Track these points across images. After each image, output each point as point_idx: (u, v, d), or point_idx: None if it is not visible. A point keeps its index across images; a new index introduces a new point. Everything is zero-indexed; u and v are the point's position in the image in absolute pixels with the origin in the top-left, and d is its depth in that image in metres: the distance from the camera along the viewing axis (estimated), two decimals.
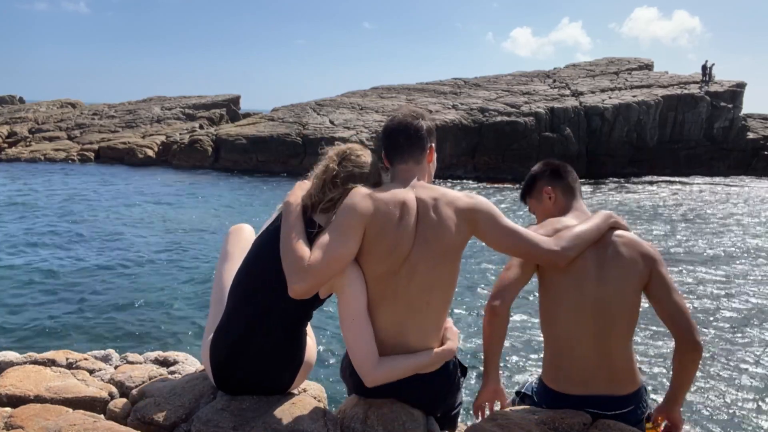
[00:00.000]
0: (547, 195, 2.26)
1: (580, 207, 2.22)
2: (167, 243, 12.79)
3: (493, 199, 20.88)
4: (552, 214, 2.22)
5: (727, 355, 7.23)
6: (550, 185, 2.27)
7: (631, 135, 28.07)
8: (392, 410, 1.92)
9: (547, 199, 2.26)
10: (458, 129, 27.14)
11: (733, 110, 29.66)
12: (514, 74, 37.16)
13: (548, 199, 2.26)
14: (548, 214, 2.24)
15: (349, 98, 34.01)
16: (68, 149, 29.44)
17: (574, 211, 2.19)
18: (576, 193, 2.27)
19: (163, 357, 2.79)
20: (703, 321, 8.35)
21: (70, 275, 10.08)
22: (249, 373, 1.97)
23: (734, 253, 12.66)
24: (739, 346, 7.49)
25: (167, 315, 8.34)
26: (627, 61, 37.18)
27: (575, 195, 2.26)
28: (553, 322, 2.05)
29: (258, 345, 1.94)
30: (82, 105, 43.02)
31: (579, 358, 1.99)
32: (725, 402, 6.07)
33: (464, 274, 10.76)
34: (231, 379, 2.00)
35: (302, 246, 1.80)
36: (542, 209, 2.29)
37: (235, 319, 1.98)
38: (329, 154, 2.00)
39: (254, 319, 1.94)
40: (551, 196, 2.25)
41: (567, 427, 1.91)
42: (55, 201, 17.83)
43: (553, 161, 2.37)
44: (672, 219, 17.18)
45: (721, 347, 7.46)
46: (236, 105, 40.58)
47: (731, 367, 6.86)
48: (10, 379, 2.25)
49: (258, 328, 1.93)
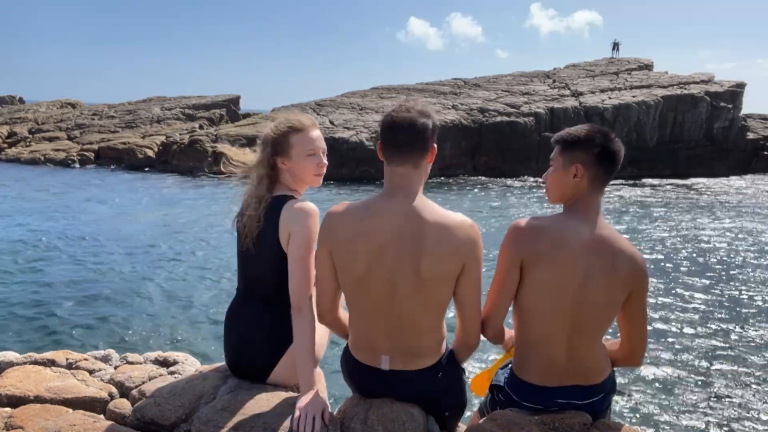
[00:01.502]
0: (573, 173, 1.95)
1: (592, 207, 1.97)
2: (167, 243, 12.79)
3: (494, 197, 20.90)
4: (564, 194, 1.99)
5: (727, 350, 7.23)
6: (579, 162, 1.94)
7: (631, 135, 28.07)
8: (392, 410, 1.92)
9: (572, 176, 1.95)
10: (458, 129, 27.15)
11: (733, 110, 29.68)
12: (514, 74, 37.18)
13: (573, 176, 1.95)
14: (561, 188, 1.99)
15: (349, 98, 34.03)
16: (68, 149, 29.43)
17: (583, 209, 1.96)
18: (602, 188, 2.00)
19: (163, 357, 2.79)
20: (702, 319, 8.35)
21: (70, 275, 10.08)
22: (238, 340, 2.19)
23: (733, 253, 12.66)
24: (738, 342, 7.49)
25: (167, 315, 8.34)
26: (627, 62, 37.20)
27: (600, 189, 1.99)
28: (528, 320, 2.00)
29: (244, 316, 2.19)
30: (82, 105, 43.04)
31: (551, 356, 1.98)
32: (724, 399, 6.08)
33: None
34: (227, 346, 2.23)
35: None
36: (558, 178, 2.00)
37: (235, 294, 2.28)
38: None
39: (243, 293, 2.22)
40: (577, 175, 1.95)
41: (567, 427, 1.91)
42: (55, 201, 17.83)
43: (609, 135, 1.99)
44: (672, 219, 17.17)
45: (720, 345, 7.46)
46: (236, 105, 40.58)
47: (729, 360, 6.87)
48: (10, 379, 2.25)
49: (245, 300, 2.21)
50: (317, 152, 2.17)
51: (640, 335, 2.04)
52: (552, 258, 1.90)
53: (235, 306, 2.24)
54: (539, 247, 1.91)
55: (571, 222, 1.96)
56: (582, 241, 1.91)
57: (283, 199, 2.11)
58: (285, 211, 2.06)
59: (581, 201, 1.98)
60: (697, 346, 7.49)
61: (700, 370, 6.80)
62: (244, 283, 2.22)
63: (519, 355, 2.08)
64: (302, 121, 2.18)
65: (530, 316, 2.00)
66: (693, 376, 6.66)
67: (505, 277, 1.97)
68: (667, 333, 7.90)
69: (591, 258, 1.90)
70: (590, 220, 1.96)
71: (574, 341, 1.96)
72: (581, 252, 1.90)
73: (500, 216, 17.13)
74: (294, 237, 2.03)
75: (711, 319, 8.49)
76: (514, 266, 1.95)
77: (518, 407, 2.05)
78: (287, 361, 2.10)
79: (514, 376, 2.09)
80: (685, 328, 8.13)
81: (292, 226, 2.04)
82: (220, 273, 10.40)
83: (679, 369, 6.83)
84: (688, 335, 7.86)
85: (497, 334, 2.09)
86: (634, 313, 2.00)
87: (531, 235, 1.93)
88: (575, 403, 1.99)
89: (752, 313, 8.76)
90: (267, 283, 2.12)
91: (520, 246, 1.94)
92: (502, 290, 1.99)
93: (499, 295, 2.00)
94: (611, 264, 1.91)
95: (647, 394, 6.21)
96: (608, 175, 1.99)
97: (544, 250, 1.91)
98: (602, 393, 2.03)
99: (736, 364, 6.97)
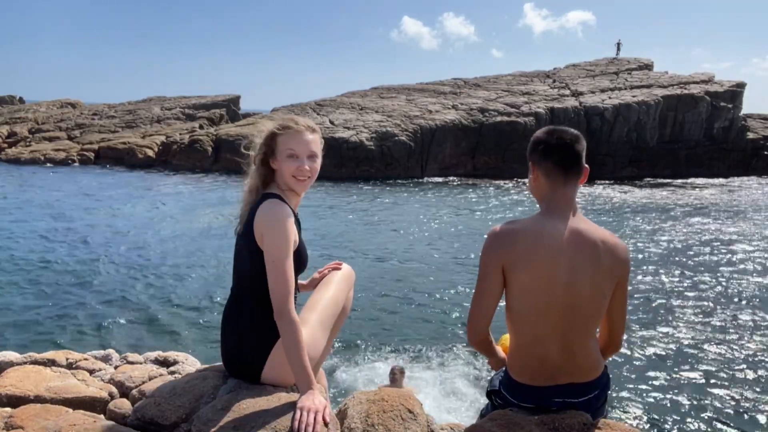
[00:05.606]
0: (532, 174, 2.05)
1: (564, 202, 1.98)
2: (167, 243, 12.79)
3: (491, 192, 20.90)
4: (537, 193, 2.07)
5: (727, 349, 7.23)
6: (532, 161, 2.04)
7: (631, 135, 28.07)
8: (392, 410, 1.92)
9: (533, 178, 2.05)
10: (458, 129, 27.16)
11: (733, 110, 29.67)
12: (514, 74, 37.18)
13: (533, 178, 2.05)
14: (533, 191, 2.09)
15: (349, 98, 34.02)
16: (68, 149, 29.43)
17: (556, 206, 1.98)
18: (565, 182, 1.99)
19: (163, 357, 2.79)
20: (699, 317, 8.35)
21: (70, 275, 10.09)
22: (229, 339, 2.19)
23: (734, 252, 12.66)
24: (736, 340, 7.50)
25: (167, 315, 8.35)
26: (627, 61, 37.20)
27: (562, 183, 1.99)
28: (520, 321, 2.01)
29: (234, 314, 2.18)
30: (82, 105, 43.04)
31: (545, 355, 1.99)
32: (721, 396, 6.08)
33: (468, 274, 10.77)
34: (221, 344, 2.23)
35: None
36: (529, 183, 2.10)
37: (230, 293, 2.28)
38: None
39: (235, 292, 2.23)
40: (534, 175, 2.04)
41: (567, 427, 1.91)
42: (55, 201, 17.83)
43: (552, 130, 2.04)
44: (671, 218, 17.16)
45: (718, 342, 7.46)
46: (236, 105, 40.61)
47: (726, 354, 6.88)
48: (10, 379, 2.25)
49: (236, 299, 2.21)
50: (299, 155, 2.13)
51: (622, 324, 2.09)
52: (531, 258, 1.92)
53: (228, 304, 2.25)
54: (517, 249, 1.93)
55: (546, 221, 1.97)
56: (560, 238, 1.93)
57: (265, 198, 2.09)
58: (258, 210, 2.05)
59: (551, 198, 2.01)
60: (695, 344, 7.49)
61: (698, 369, 6.80)
62: (234, 281, 2.24)
63: (513, 357, 2.09)
64: (295, 123, 2.17)
65: (521, 319, 2.00)
66: (690, 372, 6.67)
67: (485, 285, 1.99)
68: (666, 330, 7.91)
69: (572, 252, 1.92)
70: (565, 215, 1.97)
71: (568, 339, 1.96)
72: (562, 248, 1.92)
73: (500, 216, 17.13)
74: (265, 238, 2.01)
75: (708, 317, 8.50)
76: (493, 272, 1.97)
77: (517, 408, 2.05)
78: (275, 359, 2.09)
79: (509, 379, 2.10)
80: (682, 325, 8.14)
81: (262, 227, 2.02)
82: (220, 273, 10.40)
83: (676, 366, 6.83)
84: (685, 332, 7.86)
85: (482, 341, 2.10)
86: (618, 302, 2.02)
87: (507, 239, 1.95)
88: (571, 401, 2.00)
89: (751, 312, 8.76)
90: (252, 282, 2.11)
91: (498, 251, 1.96)
92: (483, 297, 2.00)
93: (481, 302, 2.01)
94: (594, 256, 1.92)
95: (643, 391, 6.21)
96: (560, 166, 1.98)
97: (522, 253, 1.92)
98: (597, 389, 2.04)
99: (734, 363, 6.98)
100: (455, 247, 13.03)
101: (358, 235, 14.33)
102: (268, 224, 2.01)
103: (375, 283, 10.02)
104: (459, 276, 10.63)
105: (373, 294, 9.49)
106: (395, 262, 11.73)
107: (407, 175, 25.83)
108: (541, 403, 2.01)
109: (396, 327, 8.17)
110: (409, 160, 26.33)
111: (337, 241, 13.48)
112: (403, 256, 12.14)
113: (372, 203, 19.53)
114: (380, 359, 7.08)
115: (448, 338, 7.77)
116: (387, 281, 10.25)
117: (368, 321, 8.30)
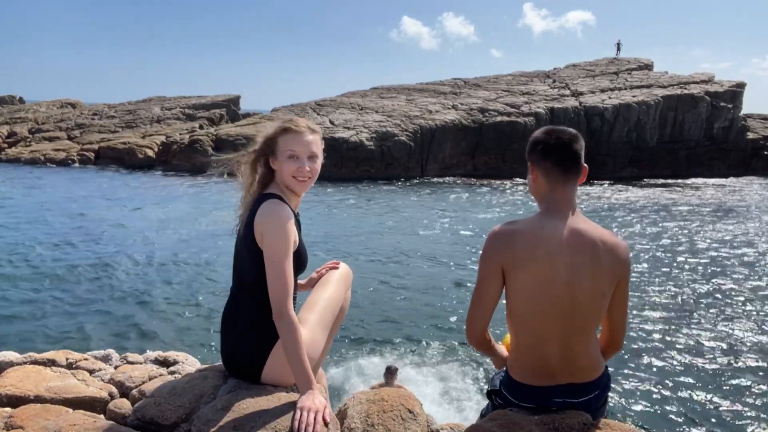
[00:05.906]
0: (531, 175, 2.05)
1: (564, 202, 1.98)
2: (167, 243, 12.79)
3: (491, 192, 20.90)
4: (536, 193, 2.07)
5: (726, 348, 7.23)
6: (531, 161, 2.04)
7: (631, 135, 28.07)
8: (392, 410, 1.92)
9: (532, 178, 2.05)
10: (458, 129, 27.16)
11: (733, 110, 29.67)
12: (514, 74, 37.17)
13: (532, 178, 2.05)
14: (533, 191, 2.09)
15: (349, 98, 34.02)
16: (68, 149, 29.44)
17: (555, 206, 1.97)
18: (564, 182, 1.98)
19: (163, 357, 2.79)
20: (699, 317, 8.35)
21: (70, 275, 10.09)
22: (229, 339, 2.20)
23: (734, 252, 12.66)
24: (735, 339, 7.50)
25: (167, 315, 8.35)
26: (627, 61, 37.19)
27: (562, 183, 1.99)
28: (520, 322, 2.01)
29: (234, 314, 2.19)
30: (82, 105, 43.05)
31: (545, 355, 1.98)
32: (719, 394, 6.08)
33: (461, 270, 10.77)
34: (221, 344, 2.23)
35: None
36: (529, 184, 2.11)
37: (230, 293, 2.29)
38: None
39: (235, 291, 2.24)
40: (533, 175, 2.04)
41: (567, 427, 1.91)
42: (54, 201, 17.83)
43: (553, 132, 2.03)
44: (672, 219, 17.16)
45: (718, 342, 7.46)
46: (236, 105, 40.59)
47: (725, 353, 6.88)
48: (10, 379, 2.26)
49: (235, 299, 2.22)
50: (299, 155, 2.13)
51: (623, 323, 2.08)
52: (531, 259, 1.91)
53: (228, 304, 2.25)
54: (516, 249, 1.93)
55: (545, 221, 1.96)
56: (560, 237, 1.92)
57: (265, 198, 2.09)
58: (259, 211, 2.05)
59: (551, 198, 2.00)
60: (696, 344, 7.49)
61: (699, 370, 6.80)
62: (234, 281, 2.24)
63: (514, 357, 2.09)
64: (296, 123, 2.17)
65: (521, 319, 2.00)
66: (690, 372, 6.66)
67: (484, 285, 1.99)
68: (666, 330, 7.91)
69: (572, 252, 1.91)
70: (564, 215, 1.97)
71: (568, 339, 1.96)
72: (561, 248, 1.91)
73: (500, 216, 17.13)
74: (265, 239, 2.02)
75: (709, 317, 8.50)
76: (493, 273, 1.97)
77: (517, 408, 2.05)
78: (275, 359, 2.09)
79: (510, 379, 2.10)
80: (682, 325, 8.13)
81: (262, 228, 2.02)
82: (220, 272, 10.40)
83: (676, 366, 6.83)
84: (686, 332, 7.86)
85: (481, 341, 2.10)
86: (618, 302, 2.02)
87: (507, 239, 1.95)
88: (571, 401, 2.00)
89: (752, 312, 8.76)
90: (251, 282, 2.11)
91: (498, 251, 1.96)
92: (482, 297, 2.00)
93: (480, 302, 2.01)
94: (593, 256, 1.92)
95: (643, 391, 6.21)
96: (559, 166, 1.98)
97: (521, 253, 1.92)
98: (598, 390, 2.04)
99: (735, 363, 6.97)
100: (455, 247, 13.03)
101: (358, 235, 14.34)
102: (268, 225, 2.01)
103: (373, 283, 10.02)
104: (459, 276, 10.63)
105: (372, 293, 9.49)
106: (394, 261, 11.74)
107: (407, 175, 25.83)
108: (542, 403, 2.01)
109: (396, 326, 8.17)
110: (409, 160, 26.33)
111: (337, 241, 13.48)
112: (403, 256, 12.14)
113: (372, 203, 19.54)
114: (380, 358, 7.08)
115: (448, 338, 7.77)
116: (386, 281, 10.25)
117: (367, 320, 8.30)
